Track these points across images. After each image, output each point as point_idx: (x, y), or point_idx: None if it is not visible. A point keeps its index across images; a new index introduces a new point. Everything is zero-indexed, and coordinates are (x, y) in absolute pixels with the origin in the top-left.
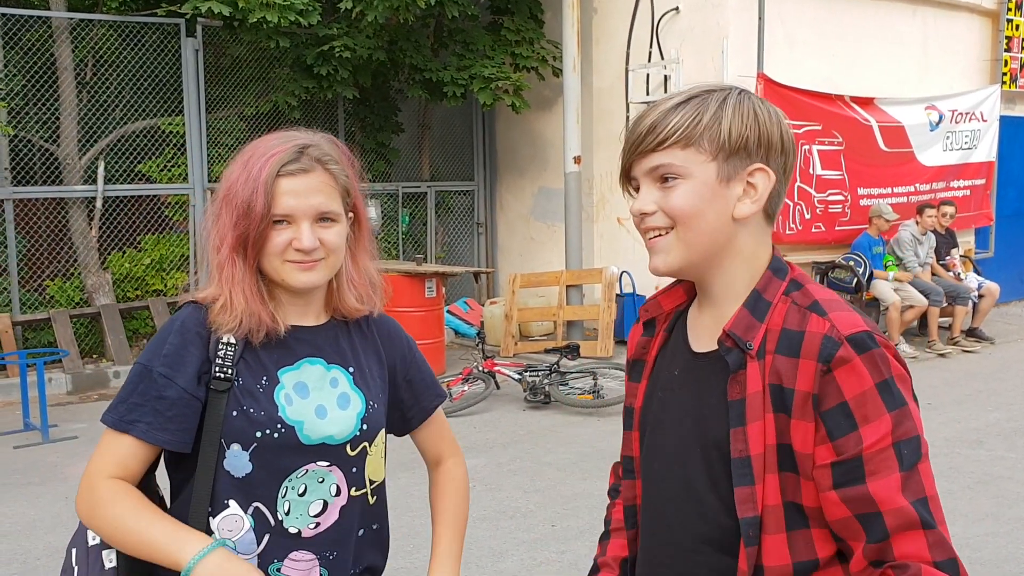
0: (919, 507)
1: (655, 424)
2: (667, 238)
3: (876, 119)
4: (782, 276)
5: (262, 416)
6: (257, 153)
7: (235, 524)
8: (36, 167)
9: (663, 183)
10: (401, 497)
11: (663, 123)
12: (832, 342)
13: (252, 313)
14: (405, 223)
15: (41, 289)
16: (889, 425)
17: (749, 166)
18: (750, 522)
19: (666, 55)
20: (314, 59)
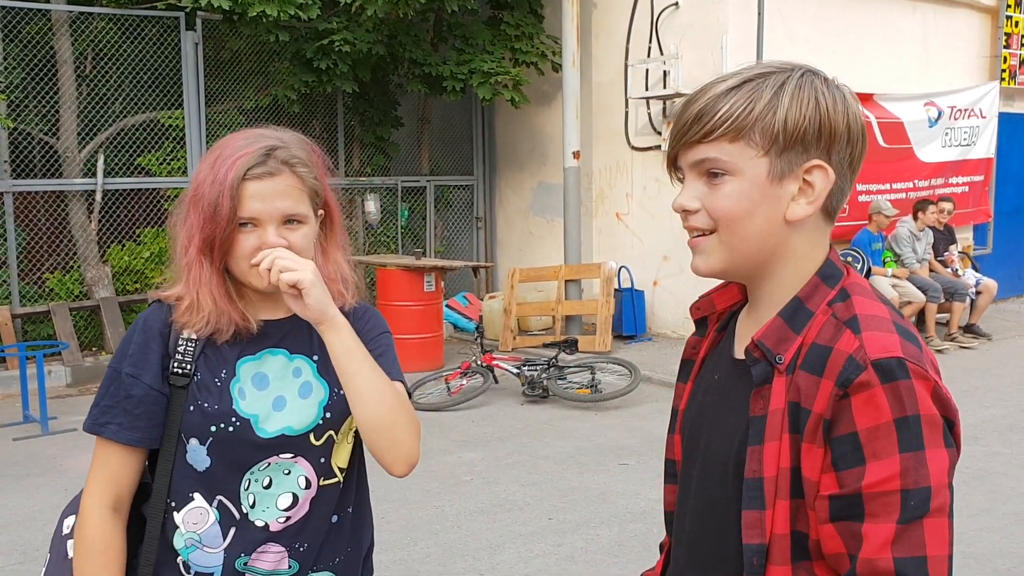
0: (906, 565)
1: (693, 429)
2: (709, 239)
3: (875, 115)
4: (832, 283)
5: (216, 410)
6: (224, 154)
7: (200, 517)
8: (36, 160)
9: (710, 178)
10: (397, 490)
11: (712, 111)
12: (855, 364)
13: (221, 312)
14: (404, 217)
15: (41, 282)
16: (897, 467)
17: (807, 162)
18: (755, 549)
19: (665, 50)
20: (313, 53)
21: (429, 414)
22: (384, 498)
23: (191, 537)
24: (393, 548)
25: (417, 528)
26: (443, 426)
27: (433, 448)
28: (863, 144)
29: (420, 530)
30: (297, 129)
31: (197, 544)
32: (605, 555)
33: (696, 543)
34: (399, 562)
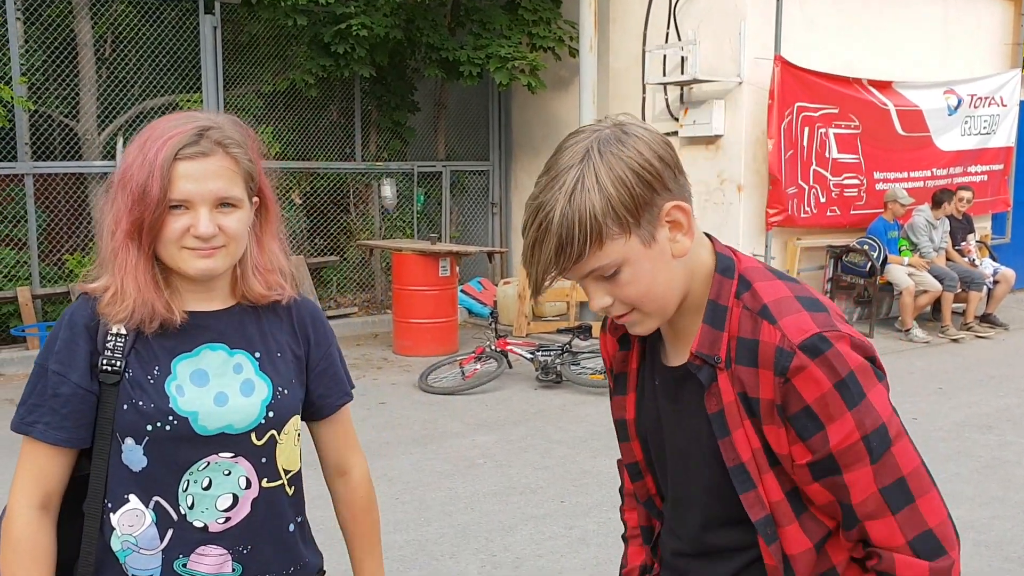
0: (890, 491)
1: (654, 433)
2: (635, 315)
3: (894, 103)
4: (730, 275)
5: (151, 408)
6: (155, 135)
7: (136, 519)
8: (56, 142)
9: (604, 278)
10: (412, 471)
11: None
12: (785, 354)
13: (145, 302)
14: (420, 202)
15: (60, 263)
16: (852, 423)
17: (659, 212)
18: (765, 522)
19: (683, 36)
20: (331, 37)
21: (443, 398)
22: (398, 479)
23: (127, 540)
24: (407, 528)
25: (430, 509)
26: (457, 410)
27: (447, 431)
28: (671, 149)
29: (433, 511)
30: (315, 113)
31: (133, 547)
32: (616, 538)
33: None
34: (412, 542)
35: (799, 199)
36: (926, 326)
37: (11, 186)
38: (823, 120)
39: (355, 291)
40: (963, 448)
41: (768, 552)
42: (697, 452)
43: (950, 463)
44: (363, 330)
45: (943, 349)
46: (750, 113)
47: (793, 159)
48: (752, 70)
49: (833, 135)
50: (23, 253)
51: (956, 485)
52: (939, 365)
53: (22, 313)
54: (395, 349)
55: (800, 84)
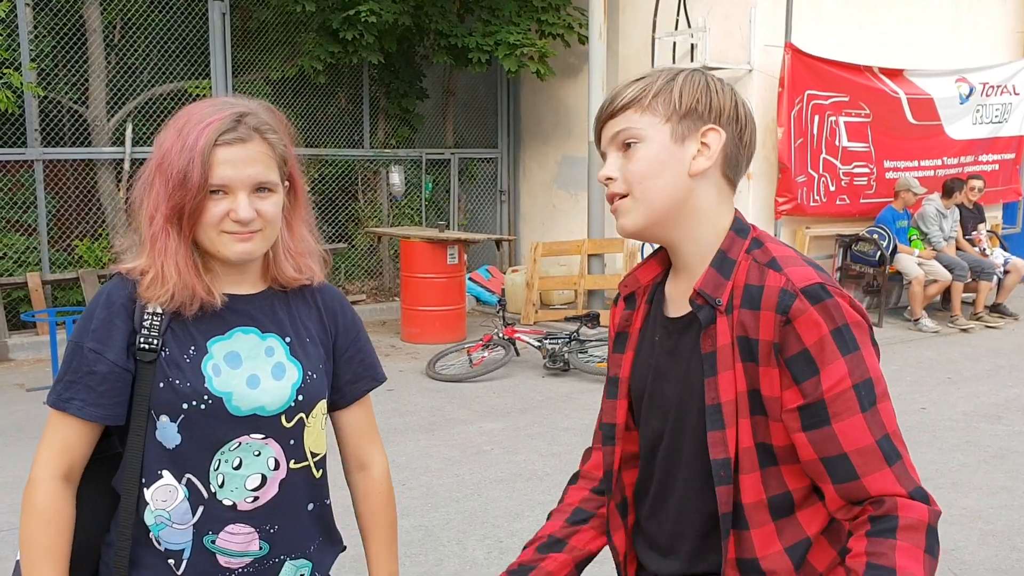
0: (883, 444)
1: (652, 389)
2: (626, 201)
3: (905, 91)
4: (744, 235)
5: (187, 388)
6: (192, 120)
7: (169, 494)
8: (65, 129)
9: (625, 149)
10: (419, 458)
11: (620, 93)
12: (788, 295)
13: (185, 286)
14: (428, 190)
15: (70, 249)
16: (845, 369)
17: (702, 127)
18: (721, 463)
19: (693, 23)
20: (340, 23)
21: (451, 385)
22: (405, 465)
23: (160, 514)
24: (414, 514)
25: (438, 495)
26: (464, 397)
27: (454, 418)
28: (752, 127)
29: (441, 497)
30: (323, 100)
31: (166, 521)
32: None
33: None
34: (420, 528)
35: (809, 187)
36: (935, 316)
37: (21, 172)
38: (833, 108)
39: (363, 278)
40: (972, 438)
41: (718, 494)
42: (688, 401)
43: (958, 453)
44: (371, 317)
45: (952, 339)
46: (760, 101)
47: (803, 147)
48: (762, 57)
49: (843, 123)
50: (33, 239)
51: (964, 475)
52: (948, 355)
53: (32, 299)
54: (403, 336)
55: (810, 72)
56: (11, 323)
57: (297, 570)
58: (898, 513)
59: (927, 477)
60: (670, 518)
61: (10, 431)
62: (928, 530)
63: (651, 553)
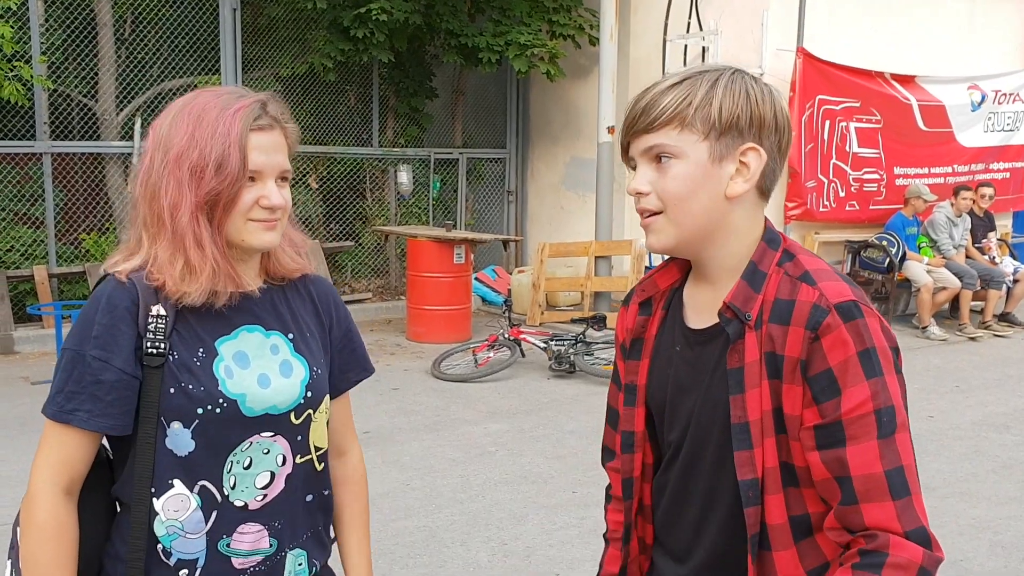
0: (892, 476)
1: (672, 400)
2: (659, 219)
3: (916, 97)
4: (775, 247)
5: (202, 392)
6: (212, 107)
7: (181, 504)
8: (74, 122)
9: (658, 163)
10: (423, 458)
11: (657, 104)
12: (820, 310)
13: (226, 275)
14: (436, 189)
15: (77, 243)
16: (867, 393)
17: (742, 145)
18: (749, 484)
19: (705, 26)
20: (351, 21)
21: (455, 385)
22: (409, 466)
23: (172, 524)
24: (417, 515)
25: (441, 496)
26: (469, 397)
27: (459, 419)
28: (789, 133)
29: (444, 498)
30: (332, 98)
31: (179, 532)
32: None
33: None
34: (423, 528)
35: (818, 193)
36: (944, 324)
37: (29, 165)
38: (844, 113)
39: (369, 277)
40: (980, 447)
41: (746, 515)
42: (709, 416)
43: (967, 462)
44: (377, 316)
45: (961, 347)
46: None
47: (813, 152)
48: (774, 61)
49: (854, 129)
50: (40, 232)
51: (972, 484)
52: (956, 363)
53: (38, 292)
54: (408, 335)
55: (822, 77)
56: (17, 316)
57: (295, 560)
58: (889, 551)
59: (935, 487)
60: (687, 529)
61: (14, 424)
62: (920, 572)
63: (666, 560)
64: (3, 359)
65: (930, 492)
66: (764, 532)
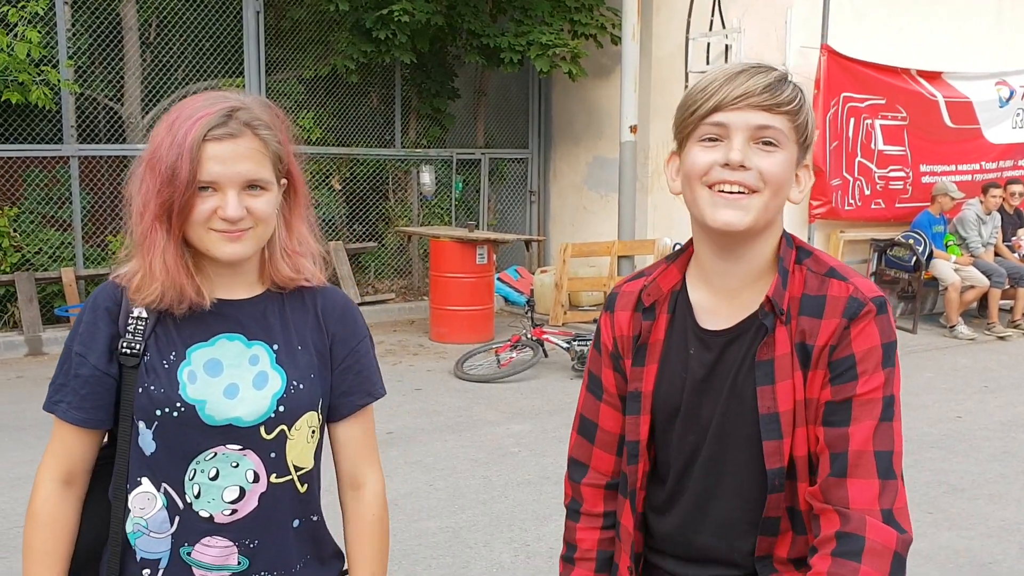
0: (880, 458)
1: (688, 403)
2: (752, 198)
3: (943, 94)
4: (791, 244)
5: (161, 394)
6: (183, 115)
7: (147, 502)
8: (101, 125)
9: (763, 145)
10: (446, 459)
11: (781, 90)
12: (857, 302)
13: (174, 285)
14: (458, 190)
15: (104, 244)
16: (882, 379)
17: (803, 160)
18: (776, 472)
19: (728, 24)
20: (373, 23)
21: (478, 386)
22: (432, 467)
23: (138, 522)
24: (440, 515)
25: (464, 496)
26: (492, 398)
27: (481, 419)
28: None
29: (467, 499)
30: (355, 99)
31: (143, 530)
32: None
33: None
34: (446, 529)
35: (843, 191)
36: (972, 323)
37: (57, 168)
38: (869, 111)
39: (392, 277)
40: (1009, 448)
41: (770, 501)
42: (737, 412)
43: (995, 463)
44: (400, 316)
45: (989, 347)
46: None
47: (838, 150)
48: (798, 59)
49: (879, 126)
50: (68, 234)
51: (1001, 486)
52: (985, 363)
53: (66, 293)
54: (431, 336)
55: (847, 74)
56: (45, 318)
57: None
58: (865, 534)
59: (962, 488)
60: (710, 528)
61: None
62: (895, 557)
63: (678, 563)
64: (32, 360)
65: (958, 493)
66: (797, 517)
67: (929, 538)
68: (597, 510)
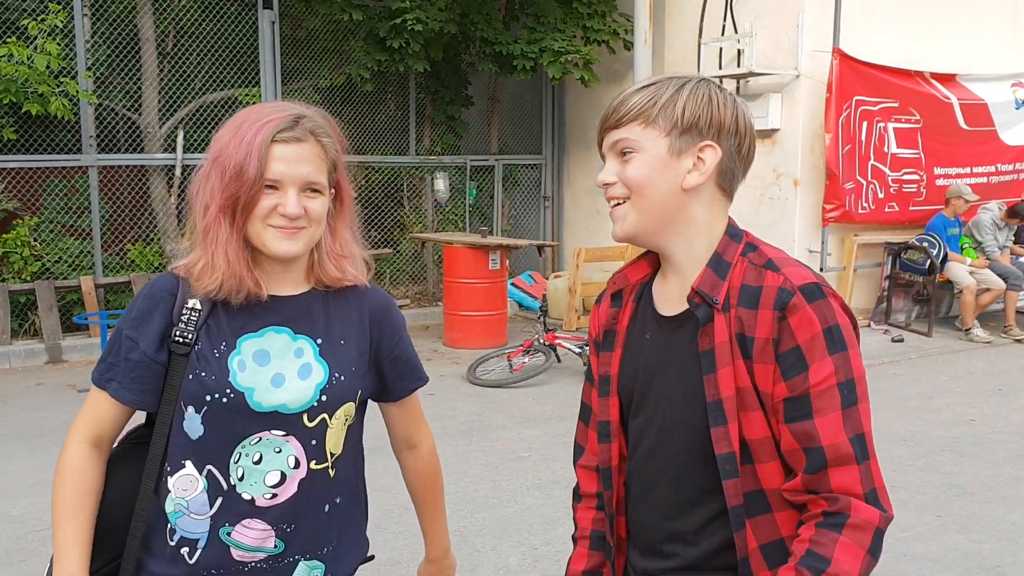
0: (855, 443)
1: (643, 386)
2: (624, 206)
3: (957, 96)
4: (738, 240)
5: (212, 380)
6: (251, 119)
7: (189, 484)
8: (120, 135)
9: (623, 157)
10: (457, 463)
11: (625, 103)
12: (786, 292)
13: (234, 275)
14: (472, 196)
15: (122, 253)
16: (832, 367)
17: (700, 143)
18: (726, 457)
19: (740, 28)
20: (387, 32)
21: (490, 390)
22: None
23: (179, 503)
24: (449, 519)
25: (474, 500)
26: (504, 402)
27: (493, 424)
28: (751, 138)
29: (476, 503)
30: (370, 108)
31: (184, 510)
32: None
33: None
34: (455, 533)
35: (857, 195)
36: (988, 326)
37: (76, 177)
38: (882, 114)
39: (408, 283)
40: (1022, 451)
41: (726, 487)
42: (681, 396)
43: (1009, 466)
44: (414, 322)
45: (1006, 349)
46: (807, 107)
47: (851, 154)
48: (810, 63)
49: (892, 129)
50: (87, 243)
51: (1016, 489)
52: (1001, 366)
53: (85, 302)
54: (445, 341)
55: (859, 77)
56: (65, 325)
57: (310, 571)
58: (850, 512)
59: (973, 491)
60: (658, 512)
61: (62, 431)
62: (876, 532)
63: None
64: (52, 367)
65: (969, 497)
66: (763, 498)
67: (937, 541)
68: (590, 491)
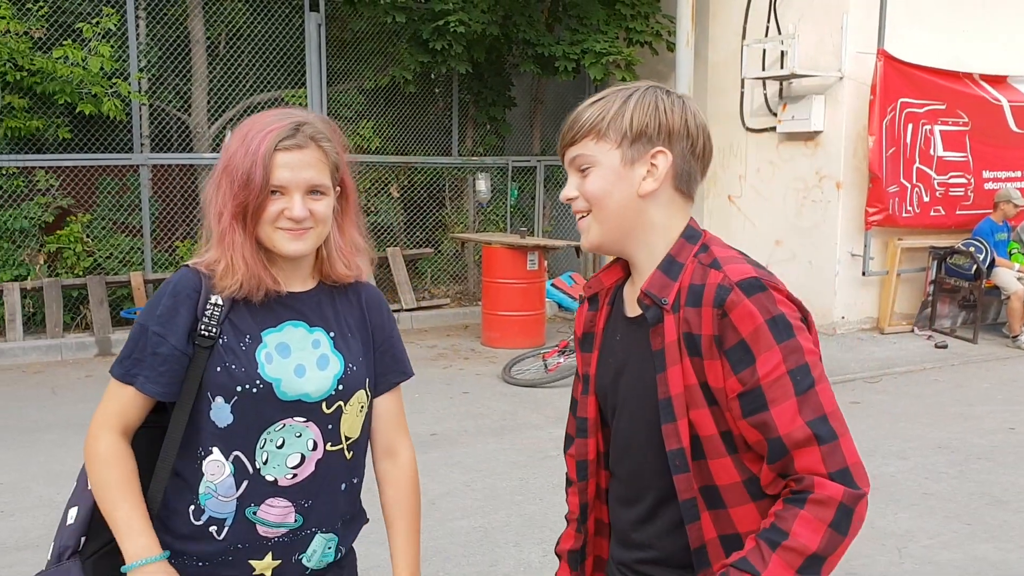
0: (816, 425)
1: (612, 385)
2: (588, 219)
3: (1007, 98)
4: (694, 241)
5: (242, 372)
6: (255, 129)
7: (218, 469)
8: (171, 135)
9: (582, 172)
10: (486, 460)
11: (578, 120)
12: (724, 289)
13: (253, 276)
14: (514, 196)
15: (171, 249)
16: (779, 356)
17: (651, 149)
18: (675, 453)
19: (784, 30)
20: (430, 34)
21: (525, 390)
22: (472, 467)
23: (209, 486)
24: (474, 515)
25: (500, 497)
26: (538, 402)
27: (525, 423)
28: (705, 137)
29: (502, 500)
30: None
31: (213, 493)
32: None
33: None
34: (478, 529)
35: (901, 198)
36: None
37: (127, 176)
38: (928, 116)
39: (448, 283)
40: None
41: (676, 482)
42: (641, 395)
43: None
44: (454, 321)
45: None
46: (851, 109)
47: (895, 156)
48: (854, 64)
49: (939, 132)
50: (137, 240)
51: None
52: None
53: (134, 296)
54: (483, 340)
55: (904, 79)
56: (114, 320)
57: (325, 543)
58: (814, 489)
59: (1006, 500)
60: (632, 508)
61: None
62: (839, 507)
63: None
64: (102, 359)
65: (1002, 506)
66: (716, 494)
67: (964, 549)
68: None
